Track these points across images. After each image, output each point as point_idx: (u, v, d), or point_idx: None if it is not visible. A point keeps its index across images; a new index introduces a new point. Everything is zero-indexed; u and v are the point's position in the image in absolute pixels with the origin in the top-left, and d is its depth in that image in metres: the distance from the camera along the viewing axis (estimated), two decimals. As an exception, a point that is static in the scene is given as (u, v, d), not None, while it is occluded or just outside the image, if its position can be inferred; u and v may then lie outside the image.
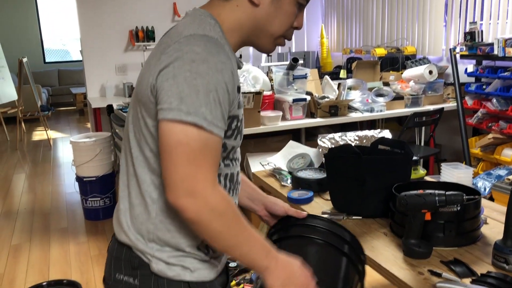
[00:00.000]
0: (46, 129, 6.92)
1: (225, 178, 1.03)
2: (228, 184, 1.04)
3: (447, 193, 1.34)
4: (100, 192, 3.71)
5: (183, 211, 0.86)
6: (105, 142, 3.72)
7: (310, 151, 2.24)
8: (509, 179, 3.09)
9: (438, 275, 1.25)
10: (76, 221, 3.79)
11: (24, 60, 6.46)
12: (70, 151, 4.47)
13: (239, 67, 1.02)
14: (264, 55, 5.58)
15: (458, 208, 1.39)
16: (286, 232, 1.13)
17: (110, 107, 3.97)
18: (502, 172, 3.25)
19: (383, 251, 1.41)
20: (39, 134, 7.37)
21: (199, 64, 0.86)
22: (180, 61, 0.86)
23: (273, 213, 1.24)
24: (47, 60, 10.07)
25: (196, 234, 0.97)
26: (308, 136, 3.76)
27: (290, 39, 1.06)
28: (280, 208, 1.22)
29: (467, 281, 1.23)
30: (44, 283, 2.25)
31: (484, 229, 1.52)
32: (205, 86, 0.86)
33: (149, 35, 5.11)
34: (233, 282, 1.95)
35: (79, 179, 3.72)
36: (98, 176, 3.68)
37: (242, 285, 1.91)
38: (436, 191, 1.35)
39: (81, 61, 5.33)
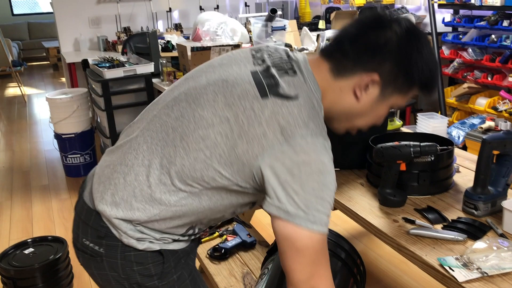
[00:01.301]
0: (20, 85, 6.74)
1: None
2: (200, 232, 1.08)
3: (421, 144, 1.38)
4: (80, 149, 3.69)
5: None
6: (82, 98, 3.66)
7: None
8: (481, 128, 3.19)
9: (412, 222, 1.32)
10: (57, 178, 3.78)
11: (-9, 13, 6.18)
12: (46, 108, 4.39)
13: None
14: (242, 6, 5.46)
15: (432, 158, 1.44)
16: None
17: (85, 62, 3.88)
18: (475, 121, 3.34)
19: (360, 201, 1.47)
20: (12, 91, 7.18)
21: (326, 176, 0.88)
22: (308, 168, 0.86)
23: None
24: (15, 12, 9.64)
25: (179, 231, 1.01)
26: (287, 88, 3.74)
27: (365, 131, 1.09)
28: None
29: (439, 227, 1.30)
30: (29, 240, 2.27)
31: (456, 178, 1.59)
32: (329, 197, 0.89)
33: (122, -15, 4.92)
34: (216, 234, 2.01)
35: (57, 136, 3.69)
36: (77, 133, 3.64)
37: (225, 236, 1.97)
38: (411, 143, 1.39)
39: (52, 13, 5.13)
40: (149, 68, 3.34)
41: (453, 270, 1.09)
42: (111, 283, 1.01)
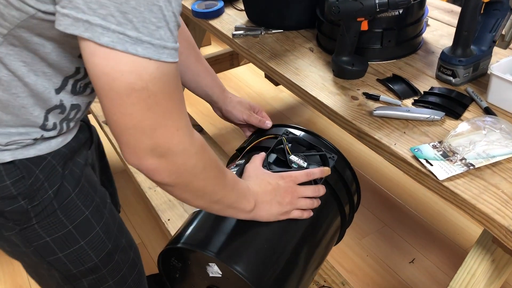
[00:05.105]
0: None
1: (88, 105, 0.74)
2: (79, 115, 0.74)
3: (389, -8, 1.03)
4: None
5: (154, 174, 0.60)
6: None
7: None
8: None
9: (376, 98, 1.03)
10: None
11: None
12: None
13: None
14: None
15: (401, 12, 1.10)
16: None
17: None
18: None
19: (309, 73, 1.15)
20: None
21: None
22: None
23: (231, 121, 1.02)
24: None
25: (34, 121, 0.67)
26: None
27: None
28: (238, 116, 0.99)
29: (409, 102, 1.02)
30: None
31: (425, 34, 1.28)
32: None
33: None
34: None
35: None
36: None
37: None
38: (376, -8, 1.04)
39: None
40: None
41: (431, 165, 0.84)
42: None
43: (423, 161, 0.85)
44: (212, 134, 2.14)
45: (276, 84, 1.35)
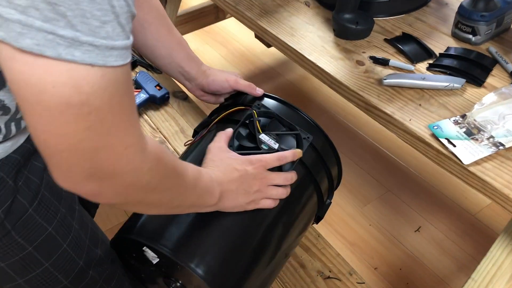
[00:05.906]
0: None
1: None
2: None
3: None
4: None
5: (95, 199, 0.48)
6: None
7: None
8: None
9: (385, 63, 0.89)
10: None
11: None
12: None
13: None
14: None
15: (412, -43, 0.95)
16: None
17: None
18: None
19: (306, 33, 1.00)
20: None
21: None
22: None
23: (214, 93, 0.87)
24: None
25: None
26: None
27: None
28: (223, 84, 0.84)
29: (422, 67, 0.88)
30: None
31: (437, -18, 1.12)
32: None
33: None
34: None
35: None
36: None
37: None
38: None
39: None
40: None
41: (454, 145, 0.72)
42: None
43: (444, 141, 0.73)
44: (200, 96, 1.99)
45: (268, 45, 1.19)
